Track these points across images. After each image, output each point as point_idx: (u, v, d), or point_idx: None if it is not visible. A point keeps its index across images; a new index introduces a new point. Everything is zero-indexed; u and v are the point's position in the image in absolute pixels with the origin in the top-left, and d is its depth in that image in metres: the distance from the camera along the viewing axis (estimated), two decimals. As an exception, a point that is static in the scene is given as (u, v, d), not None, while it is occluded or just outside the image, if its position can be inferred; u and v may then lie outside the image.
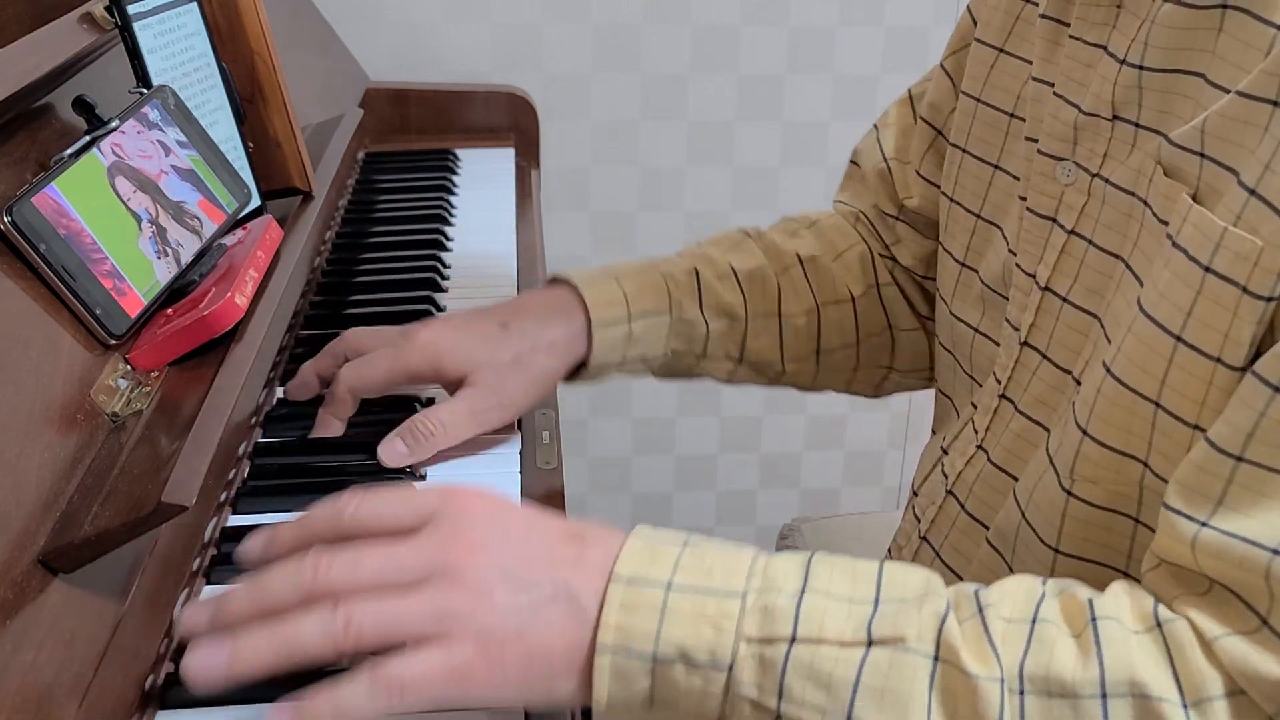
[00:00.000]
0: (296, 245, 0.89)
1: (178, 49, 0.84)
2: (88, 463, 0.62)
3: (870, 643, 0.54)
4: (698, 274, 0.88)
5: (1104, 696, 0.52)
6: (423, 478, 0.80)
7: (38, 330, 0.64)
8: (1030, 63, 0.75)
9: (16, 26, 0.74)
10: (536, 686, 0.56)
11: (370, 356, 0.83)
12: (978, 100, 0.80)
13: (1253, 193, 0.55)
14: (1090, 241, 0.68)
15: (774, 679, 0.54)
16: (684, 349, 0.88)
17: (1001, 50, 0.78)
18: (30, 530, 0.57)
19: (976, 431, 0.77)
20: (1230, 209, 0.56)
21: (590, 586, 0.56)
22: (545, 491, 0.80)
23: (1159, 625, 0.54)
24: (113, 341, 0.69)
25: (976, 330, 0.80)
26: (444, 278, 1.12)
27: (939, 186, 0.88)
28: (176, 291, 0.75)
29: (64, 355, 0.65)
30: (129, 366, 0.70)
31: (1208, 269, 0.56)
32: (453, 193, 1.34)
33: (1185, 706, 0.51)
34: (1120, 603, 0.56)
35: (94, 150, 0.72)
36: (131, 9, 0.79)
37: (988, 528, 0.75)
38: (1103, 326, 0.66)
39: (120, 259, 0.70)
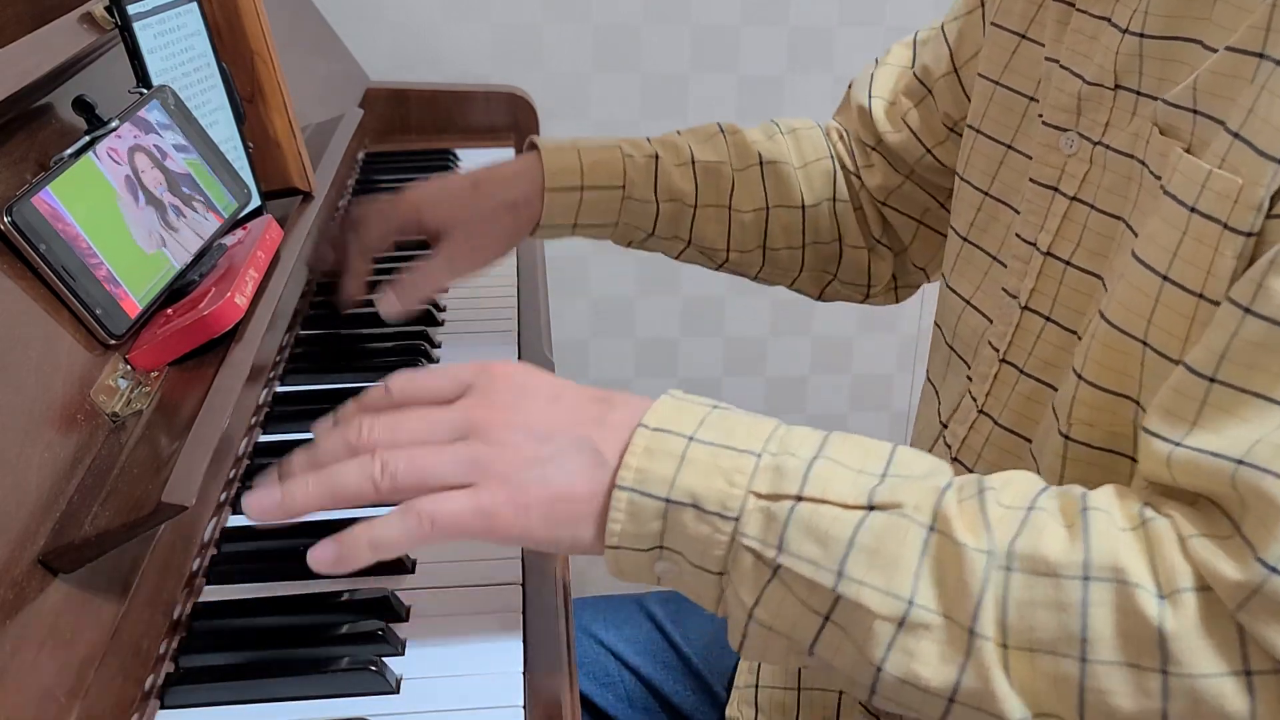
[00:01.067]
0: (296, 245, 0.89)
1: (178, 49, 0.84)
2: (88, 463, 0.62)
3: (870, 507, 0.57)
4: (657, 159, 0.98)
5: (1086, 579, 0.54)
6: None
7: (38, 330, 0.64)
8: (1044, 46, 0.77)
9: (16, 26, 0.74)
10: (561, 530, 0.59)
11: (366, 220, 0.98)
12: (996, 83, 0.82)
13: (1236, 136, 0.57)
14: (1092, 206, 0.70)
15: (776, 532, 0.57)
16: (635, 223, 0.98)
17: (1024, 36, 0.80)
18: (30, 530, 0.57)
19: (975, 399, 0.78)
20: (1216, 154, 0.58)
21: (612, 439, 0.60)
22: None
23: (1144, 523, 0.56)
24: (113, 341, 0.69)
25: (968, 302, 0.82)
26: (444, 278, 1.12)
27: (923, 142, 0.96)
28: (176, 291, 0.75)
29: (64, 355, 0.65)
30: (129, 366, 0.70)
31: (1193, 209, 0.58)
32: (453, 193, 1.34)
33: (1160, 597, 0.53)
34: (1112, 501, 0.57)
35: (90, 153, 0.72)
36: (131, 9, 0.79)
37: None
38: (1105, 285, 0.68)
39: (118, 262, 0.70)
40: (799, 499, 0.57)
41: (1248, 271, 0.55)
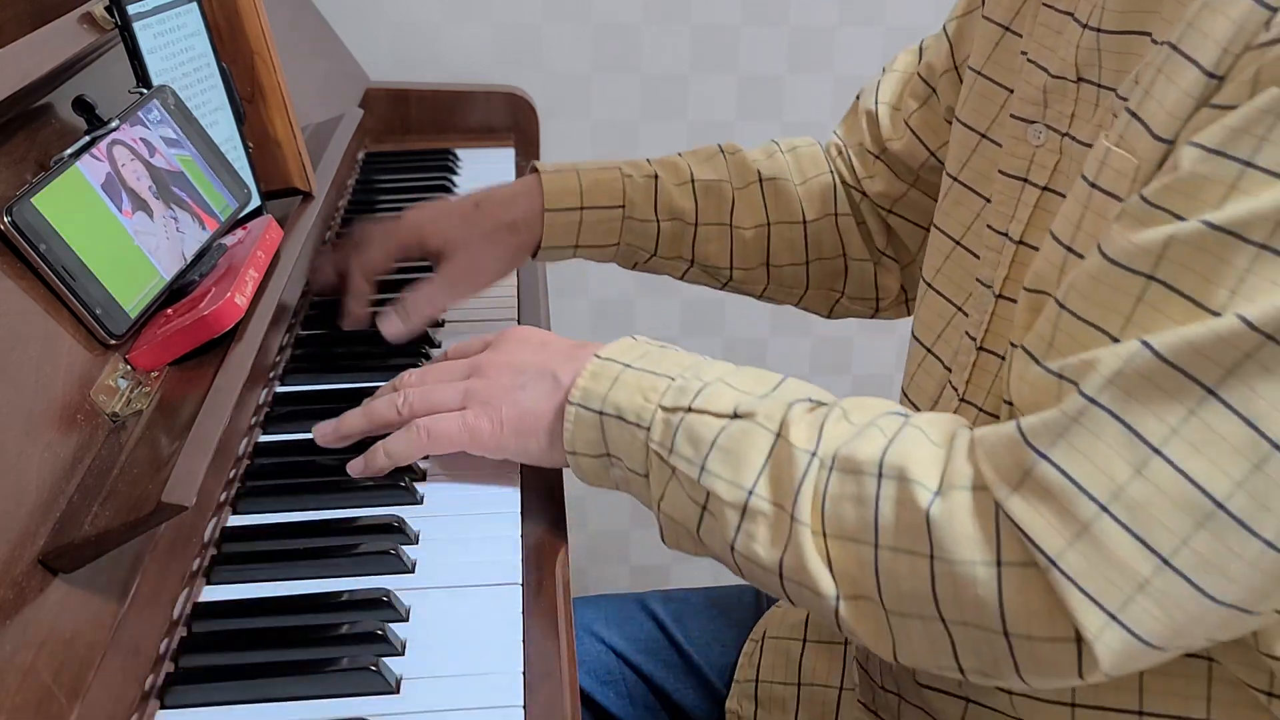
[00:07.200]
0: (296, 245, 0.89)
1: (178, 49, 0.84)
2: (88, 463, 0.62)
3: (735, 416, 0.68)
4: (657, 178, 0.99)
5: (879, 476, 0.63)
6: (422, 476, 0.80)
7: (38, 330, 0.64)
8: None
9: (16, 26, 0.74)
10: (529, 442, 0.76)
11: (368, 241, 0.99)
12: (979, 74, 0.82)
13: (1134, 115, 0.61)
14: (1062, 196, 0.70)
15: (669, 437, 0.69)
16: (637, 244, 1.00)
17: (1007, 29, 0.81)
18: (30, 530, 0.57)
19: (956, 389, 0.78)
20: (1116, 131, 0.62)
21: (570, 370, 0.75)
22: (545, 491, 0.80)
23: (952, 438, 0.64)
24: (113, 341, 0.69)
25: (960, 309, 0.81)
26: (444, 277, 1.12)
27: (925, 143, 0.96)
28: (176, 291, 0.75)
29: (64, 355, 0.65)
30: (129, 366, 0.70)
31: (1094, 185, 0.63)
32: (453, 193, 1.34)
33: (934, 493, 0.61)
34: (937, 424, 0.66)
35: (78, 163, 0.72)
36: (131, 9, 0.79)
37: None
38: None
39: (106, 272, 0.70)
40: (689, 410, 0.69)
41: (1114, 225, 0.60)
